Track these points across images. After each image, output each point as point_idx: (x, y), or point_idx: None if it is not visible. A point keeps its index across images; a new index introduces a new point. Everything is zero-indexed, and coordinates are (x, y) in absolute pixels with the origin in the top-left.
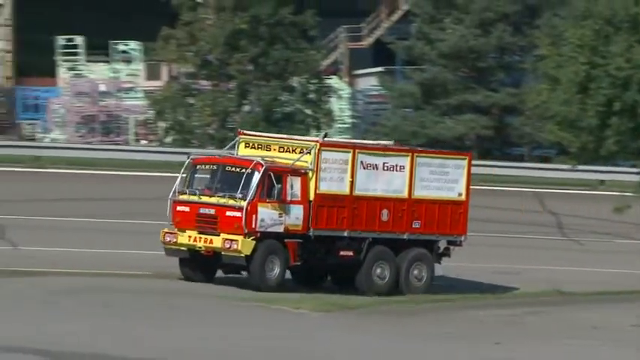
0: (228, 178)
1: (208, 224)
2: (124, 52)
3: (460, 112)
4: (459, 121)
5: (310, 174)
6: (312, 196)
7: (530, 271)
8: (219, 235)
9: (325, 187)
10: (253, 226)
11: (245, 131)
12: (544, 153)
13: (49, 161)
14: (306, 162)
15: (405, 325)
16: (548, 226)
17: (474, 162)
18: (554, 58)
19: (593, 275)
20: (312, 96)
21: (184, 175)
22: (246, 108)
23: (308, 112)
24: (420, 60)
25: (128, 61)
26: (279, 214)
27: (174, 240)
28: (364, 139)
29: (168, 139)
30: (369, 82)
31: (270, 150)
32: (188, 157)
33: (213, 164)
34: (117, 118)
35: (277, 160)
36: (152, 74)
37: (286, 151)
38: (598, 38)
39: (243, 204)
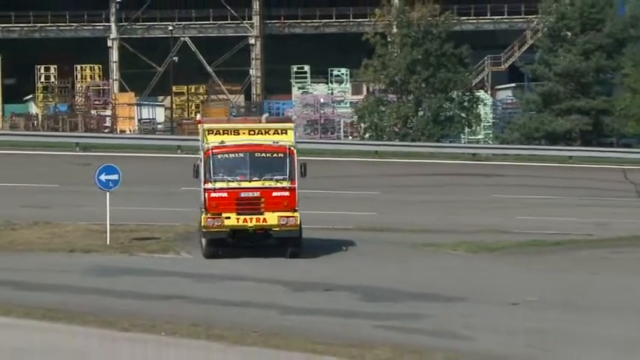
0: (263, 163)
1: (250, 206)
2: (337, 75)
3: (569, 114)
4: (568, 120)
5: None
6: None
7: (616, 223)
8: (262, 214)
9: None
10: (296, 202)
11: (204, 119)
12: (627, 141)
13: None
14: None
15: (536, 263)
16: (629, 191)
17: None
18: (635, 76)
19: None
20: (465, 104)
21: (205, 164)
22: (420, 113)
23: (463, 115)
24: (541, 78)
25: (340, 82)
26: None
27: (220, 223)
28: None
29: (366, 135)
30: (506, 94)
31: (239, 134)
32: (201, 148)
33: (240, 152)
34: (332, 121)
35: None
36: (356, 91)
37: (258, 134)
38: None
39: (292, 185)
